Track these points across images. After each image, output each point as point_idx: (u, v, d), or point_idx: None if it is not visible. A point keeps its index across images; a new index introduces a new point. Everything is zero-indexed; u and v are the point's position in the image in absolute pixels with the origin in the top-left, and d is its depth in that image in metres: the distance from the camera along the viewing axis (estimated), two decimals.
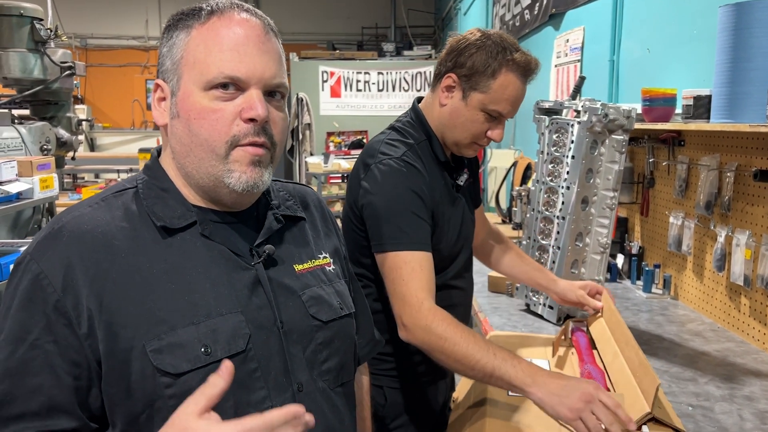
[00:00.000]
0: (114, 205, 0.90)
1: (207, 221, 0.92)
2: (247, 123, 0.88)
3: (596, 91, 3.37)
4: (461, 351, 1.31)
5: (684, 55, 2.40)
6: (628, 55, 3.03)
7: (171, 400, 0.82)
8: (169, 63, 0.90)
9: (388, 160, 1.49)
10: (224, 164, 0.88)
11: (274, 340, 0.91)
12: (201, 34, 0.88)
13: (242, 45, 0.88)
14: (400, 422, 1.61)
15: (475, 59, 1.47)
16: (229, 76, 0.87)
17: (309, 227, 1.06)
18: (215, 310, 0.87)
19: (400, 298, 1.41)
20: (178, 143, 0.91)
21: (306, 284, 0.98)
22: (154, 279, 0.86)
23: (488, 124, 1.51)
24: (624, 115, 1.93)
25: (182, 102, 0.88)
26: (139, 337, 0.83)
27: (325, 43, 11.69)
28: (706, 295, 2.11)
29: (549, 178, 2.05)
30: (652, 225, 2.51)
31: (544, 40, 4.57)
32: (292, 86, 8.70)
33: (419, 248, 1.44)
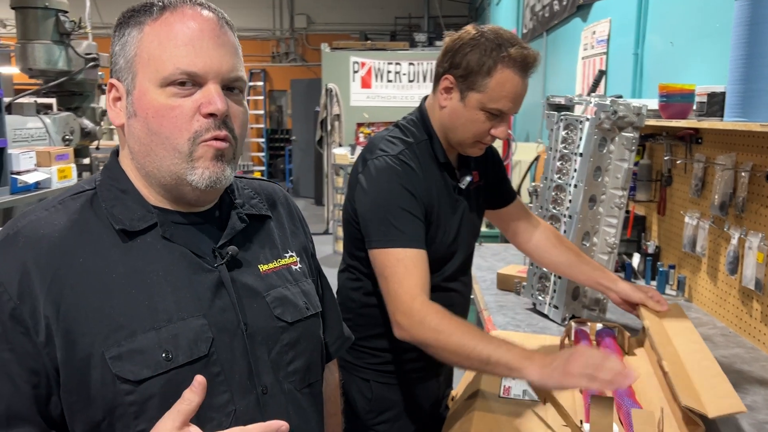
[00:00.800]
0: (71, 207, 0.88)
1: (168, 223, 0.90)
2: (207, 118, 0.86)
3: (620, 85, 3.29)
4: (455, 342, 1.30)
5: (706, 50, 2.32)
6: (651, 49, 2.95)
7: (132, 407, 0.82)
8: (122, 62, 0.88)
9: (384, 157, 1.48)
10: (187, 162, 0.87)
11: (238, 342, 0.90)
12: (154, 30, 0.86)
13: (197, 39, 0.86)
14: (386, 417, 1.62)
15: (469, 58, 1.44)
16: (186, 72, 0.85)
17: (275, 225, 1.04)
18: (176, 315, 0.86)
19: (393, 297, 1.40)
20: (136, 143, 0.89)
21: (271, 285, 0.97)
22: (114, 284, 0.84)
23: (490, 122, 1.48)
24: (634, 112, 1.88)
25: (139, 101, 0.87)
26: (98, 343, 0.81)
27: (357, 34, 11.68)
28: (719, 298, 2.05)
29: (557, 175, 2.01)
30: (669, 224, 2.44)
31: (572, 32, 4.48)
32: (323, 76, 8.71)
33: (412, 245, 1.43)
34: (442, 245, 1.55)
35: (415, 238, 1.44)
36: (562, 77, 4.76)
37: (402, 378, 1.65)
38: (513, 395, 1.48)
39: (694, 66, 2.43)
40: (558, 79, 4.92)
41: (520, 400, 1.46)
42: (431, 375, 1.70)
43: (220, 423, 0.87)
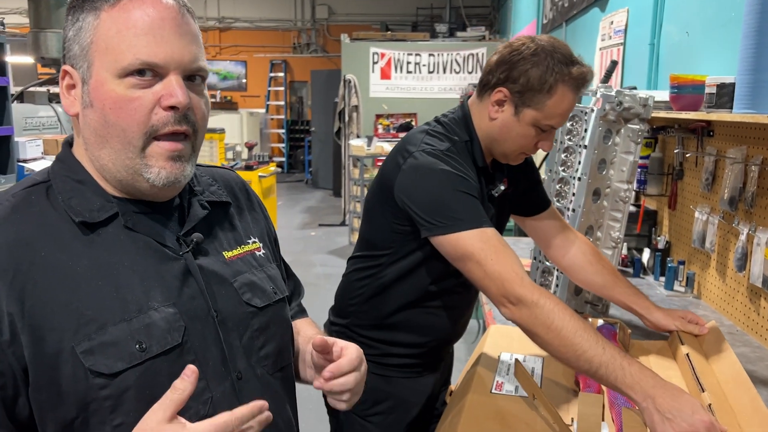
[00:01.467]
0: (26, 201, 0.85)
1: (129, 212, 0.88)
2: (167, 111, 0.83)
3: (636, 76, 3.22)
4: (567, 337, 1.24)
5: (722, 40, 2.25)
6: (667, 39, 2.87)
7: (107, 401, 0.80)
8: (77, 48, 0.84)
9: (432, 149, 1.44)
10: (140, 158, 0.84)
11: (210, 330, 0.90)
12: (111, 17, 0.82)
13: (158, 28, 0.83)
14: (380, 409, 1.60)
15: (530, 75, 1.40)
16: (146, 62, 0.82)
17: (235, 212, 1.03)
18: (146, 305, 0.84)
19: (497, 277, 1.33)
20: (92, 134, 0.86)
21: (237, 271, 0.96)
22: (79, 277, 0.82)
23: (539, 136, 1.46)
24: (641, 104, 1.83)
25: (95, 91, 0.84)
26: (67, 339, 0.79)
27: (378, 24, 11.63)
28: (727, 295, 1.99)
29: (562, 167, 1.97)
30: (680, 219, 2.38)
31: (590, 22, 4.40)
32: (343, 67, 8.69)
33: (487, 224, 1.38)
34: None
35: (484, 217, 1.39)
36: None
37: (399, 371, 1.63)
38: (505, 391, 1.45)
39: (709, 56, 2.37)
40: None
41: (512, 395, 1.43)
42: (430, 370, 1.68)
43: (197, 411, 0.86)
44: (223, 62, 13.33)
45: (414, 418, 1.66)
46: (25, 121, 2.67)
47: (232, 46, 13.21)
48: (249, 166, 5.61)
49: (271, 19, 12.98)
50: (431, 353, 1.64)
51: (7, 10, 11.69)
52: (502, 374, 1.52)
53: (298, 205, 9.86)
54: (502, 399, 1.41)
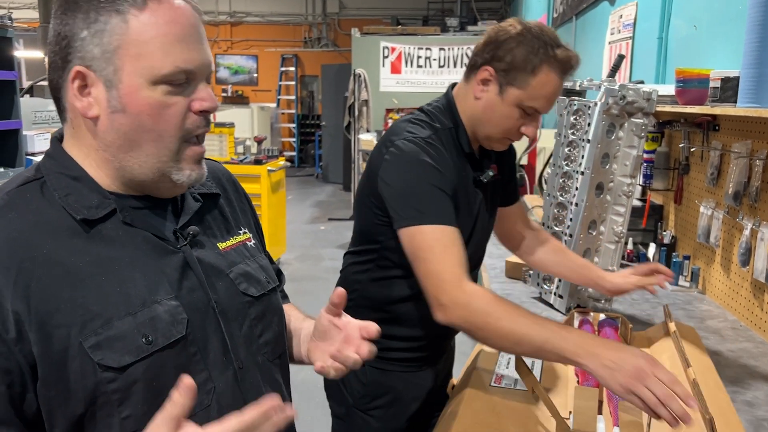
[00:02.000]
0: (22, 198, 0.85)
1: (127, 208, 0.88)
2: (198, 115, 0.86)
3: (644, 71, 3.20)
4: (506, 326, 1.24)
5: (730, 34, 2.24)
6: (675, 33, 2.85)
7: (115, 394, 0.81)
8: (96, 50, 0.82)
9: (413, 138, 1.44)
10: (175, 161, 0.87)
11: (211, 321, 0.91)
12: (142, 22, 0.82)
13: (189, 35, 0.85)
14: (381, 403, 1.60)
15: (515, 54, 1.40)
16: (185, 70, 0.84)
17: (225, 203, 1.04)
18: (149, 299, 0.85)
19: (435, 276, 1.34)
20: (119, 138, 0.85)
21: (232, 262, 0.98)
22: (82, 273, 0.82)
23: (522, 120, 1.46)
24: (644, 98, 1.82)
25: (129, 97, 0.83)
26: (74, 334, 0.80)
27: (389, 18, 11.60)
28: (731, 290, 1.98)
29: (565, 162, 1.97)
30: (685, 214, 2.37)
31: (600, 16, 4.38)
32: (353, 62, 8.69)
33: (446, 222, 1.38)
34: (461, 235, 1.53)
35: (448, 215, 1.39)
36: (590, 62, 4.66)
37: (399, 365, 1.64)
38: (504, 384, 1.46)
39: (717, 51, 2.35)
40: (585, 63, 4.81)
41: (512, 389, 1.44)
42: (430, 363, 1.68)
43: (201, 401, 0.87)
44: (234, 57, 13.37)
45: (415, 411, 1.67)
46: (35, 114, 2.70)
47: (243, 41, 13.24)
48: (258, 160, 5.62)
49: (282, 13, 12.99)
50: (430, 346, 1.65)
51: (21, 5, 11.79)
52: (502, 368, 1.52)
53: (308, 199, 9.88)
54: (501, 392, 1.42)
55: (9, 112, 2.55)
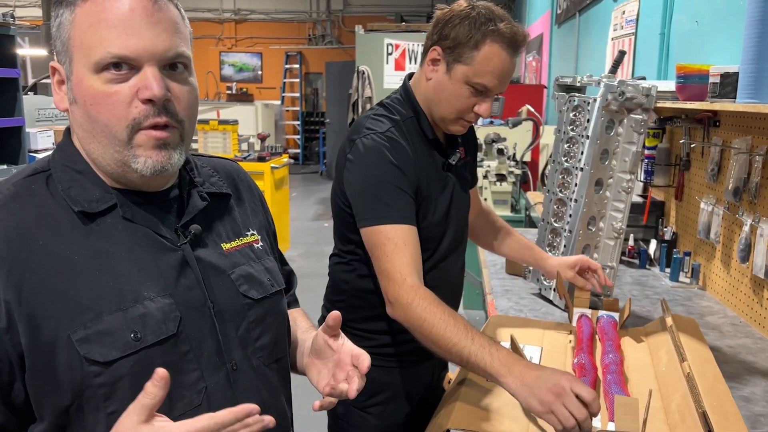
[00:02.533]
0: (26, 189, 0.86)
1: (128, 203, 0.89)
2: (145, 104, 0.83)
3: (647, 66, 3.20)
4: (438, 333, 1.30)
5: (732, 29, 2.23)
6: (677, 29, 2.84)
7: (101, 389, 0.81)
8: (59, 44, 0.85)
9: (372, 134, 1.46)
10: (128, 149, 0.84)
11: (206, 320, 0.91)
12: (84, 11, 0.82)
13: (128, 20, 0.82)
14: (379, 400, 1.61)
15: (458, 30, 1.42)
16: (118, 56, 0.81)
17: (235, 204, 1.04)
18: (143, 295, 0.85)
19: (384, 274, 1.40)
20: (80, 129, 0.87)
21: (235, 263, 0.97)
22: (77, 266, 0.83)
23: (474, 98, 1.46)
24: (643, 93, 1.82)
25: (77, 87, 0.84)
26: (63, 327, 0.80)
27: (393, 15, 11.60)
28: (731, 287, 1.98)
29: (564, 158, 1.97)
30: (686, 210, 2.37)
31: (603, 12, 4.37)
32: (357, 59, 8.68)
33: (403, 222, 1.41)
34: (434, 223, 1.54)
35: (405, 215, 1.42)
36: (593, 58, 4.65)
37: (395, 361, 1.64)
38: None
39: (718, 46, 2.34)
40: (588, 60, 4.81)
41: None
42: (425, 358, 1.69)
43: (191, 400, 0.88)
44: (238, 54, 13.39)
45: (413, 407, 1.67)
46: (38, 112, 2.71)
47: (247, 38, 13.26)
48: (261, 158, 5.63)
49: (286, 10, 13.00)
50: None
51: (27, 2, 11.83)
52: None
53: (312, 196, 9.89)
54: (497, 386, 1.42)
55: (12, 109, 2.56)
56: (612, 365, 1.43)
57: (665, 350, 1.48)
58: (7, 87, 2.70)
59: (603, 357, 1.49)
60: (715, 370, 1.40)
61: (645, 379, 1.43)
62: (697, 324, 1.67)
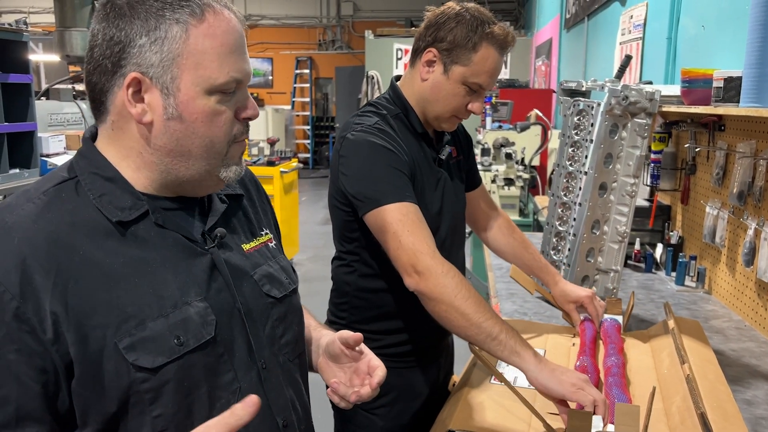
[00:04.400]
0: (58, 198, 0.86)
1: (159, 209, 0.89)
2: (243, 121, 0.90)
3: (654, 71, 3.20)
4: (470, 307, 1.31)
5: (737, 34, 2.23)
6: (684, 33, 2.85)
7: (147, 394, 0.82)
8: (156, 58, 0.84)
9: (361, 128, 1.50)
10: (223, 161, 0.90)
11: (236, 322, 0.93)
12: (201, 33, 0.85)
13: (240, 46, 0.88)
14: (384, 401, 1.62)
15: (455, 33, 1.47)
16: (236, 80, 0.87)
17: (248, 204, 1.06)
18: (181, 300, 0.87)
19: (410, 248, 1.36)
20: (171, 143, 0.87)
21: (256, 263, 0.99)
22: (117, 274, 0.84)
23: (468, 97, 1.51)
24: (647, 98, 1.83)
25: (186, 105, 0.85)
26: (109, 335, 0.81)
27: (403, 20, 11.63)
28: (736, 290, 1.98)
29: (569, 162, 1.98)
30: (692, 214, 2.37)
31: (611, 16, 4.37)
32: (367, 64, 8.72)
33: (409, 199, 1.42)
34: (426, 217, 1.55)
35: (408, 192, 1.43)
36: (601, 62, 4.66)
37: (401, 362, 1.65)
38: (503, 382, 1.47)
39: (724, 50, 2.35)
40: (597, 64, 4.82)
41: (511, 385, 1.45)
42: (431, 359, 1.70)
43: (228, 401, 0.89)
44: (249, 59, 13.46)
45: (419, 408, 1.68)
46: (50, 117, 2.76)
47: (258, 44, 13.34)
48: (271, 162, 5.67)
49: (296, 16, 13.07)
50: (429, 337, 1.65)
51: (41, 9, 11.97)
52: (502, 365, 1.54)
53: (321, 200, 9.92)
54: (501, 389, 1.43)
55: (24, 114, 2.61)
56: (614, 368, 1.44)
57: (667, 353, 1.49)
58: (20, 92, 2.75)
59: (605, 360, 1.50)
60: (716, 372, 1.40)
61: (647, 382, 1.43)
62: (700, 326, 1.68)
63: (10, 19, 6.15)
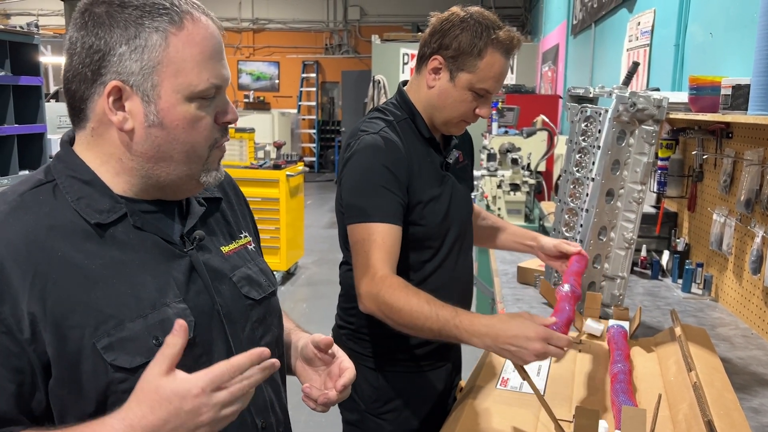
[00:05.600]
0: (36, 200, 0.86)
1: (137, 212, 0.90)
2: (222, 126, 0.92)
3: (661, 78, 3.20)
4: (406, 316, 1.35)
5: (746, 41, 2.23)
6: (692, 40, 2.85)
7: (125, 394, 0.82)
8: (136, 66, 0.84)
9: (366, 135, 1.51)
10: (203, 165, 0.92)
11: (215, 323, 0.94)
12: (180, 40, 0.85)
13: (219, 53, 0.90)
14: (393, 406, 1.62)
15: (461, 40, 1.47)
16: (215, 86, 0.89)
17: (227, 207, 1.07)
18: (159, 301, 0.88)
19: (357, 270, 1.44)
20: (152, 149, 0.88)
21: (234, 265, 1.00)
22: (95, 276, 0.84)
23: (476, 102, 1.52)
24: (654, 105, 1.83)
25: (167, 111, 0.86)
26: (87, 336, 0.82)
27: (409, 25, 11.65)
28: (743, 298, 1.98)
29: (576, 168, 1.98)
30: (699, 221, 2.37)
31: (618, 23, 4.37)
32: (373, 68, 8.73)
33: (385, 221, 1.45)
34: (435, 221, 1.56)
35: (390, 213, 1.46)
36: (608, 69, 4.65)
37: (409, 367, 1.66)
38: (510, 387, 1.48)
39: (732, 58, 2.34)
40: (604, 70, 4.81)
41: (516, 392, 1.45)
42: (439, 363, 1.70)
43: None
44: (256, 63, 13.51)
45: (427, 413, 1.69)
46: (60, 119, 2.77)
47: (265, 47, 13.39)
48: (277, 165, 5.68)
49: (303, 20, 13.11)
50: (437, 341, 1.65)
51: (50, 12, 12.04)
52: (508, 371, 1.54)
53: (327, 204, 9.94)
54: (507, 395, 1.43)
55: (35, 116, 2.63)
56: (620, 374, 1.44)
57: (674, 360, 1.49)
58: (30, 94, 2.76)
59: (612, 366, 1.50)
60: (723, 379, 1.40)
61: (653, 389, 1.43)
62: (707, 334, 1.67)
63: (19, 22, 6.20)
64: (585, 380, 1.52)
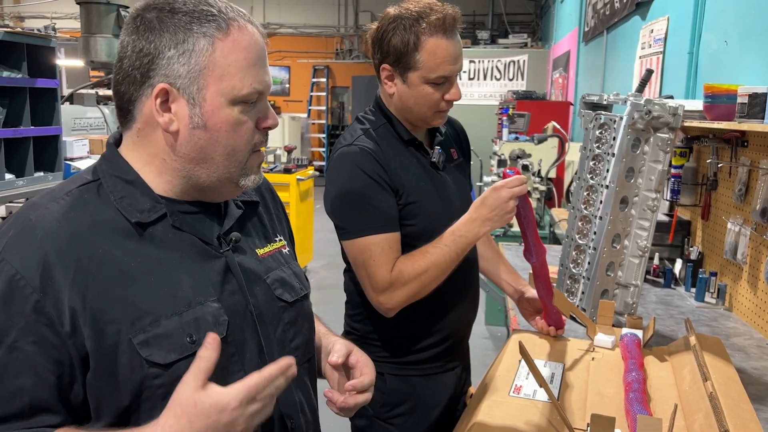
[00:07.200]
0: (81, 199, 0.90)
1: (176, 212, 0.93)
2: (263, 131, 0.94)
3: (675, 86, 3.19)
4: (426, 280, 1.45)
5: (760, 49, 2.23)
6: (706, 48, 2.84)
7: (160, 389, 0.86)
8: (183, 70, 0.88)
9: (343, 147, 1.53)
10: (242, 169, 0.94)
11: (248, 324, 0.96)
12: (227, 46, 0.89)
13: (262, 59, 0.93)
14: (401, 411, 1.62)
15: (394, 42, 1.47)
16: (259, 91, 0.91)
17: (263, 211, 1.09)
18: (195, 300, 0.90)
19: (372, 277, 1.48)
20: (194, 150, 0.91)
21: (269, 268, 1.02)
22: (134, 273, 0.87)
23: (440, 91, 1.50)
24: (670, 113, 1.82)
25: (211, 114, 0.89)
26: (124, 331, 0.85)
27: None
28: (758, 308, 1.96)
29: (590, 175, 1.97)
30: (713, 230, 2.35)
31: (631, 30, 4.36)
32: None
33: (381, 230, 1.47)
34: (427, 220, 1.56)
35: (383, 221, 1.47)
36: (620, 76, 4.64)
37: (417, 370, 1.65)
38: (523, 395, 1.47)
39: (747, 66, 2.34)
40: (616, 78, 4.80)
41: (530, 399, 1.45)
42: (447, 367, 1.70)
43: None
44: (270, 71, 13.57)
45: (436, 418, 1.68)
46: (74, 121, 2.80)
47: (276, 52, 13.44)
48: (288, 170, 5.70)
49: (314, 25, 13.15)
50: (447, 341, 1.65)
51: (64, 15, 12.14)
52: (522, 378, 1.53)
53: None
54: (519, 402, 1.43)
55: (50, 118, 2.66)
56: (634, 383, 1.43)
57: (689, 369, 1.48)
58: (46, 96, 2.80)
59: (626, 375, 1.49)
60: (739, 390, 1.39)
61: (668, 398, 1.42)
62: (722, 343, 1.66)
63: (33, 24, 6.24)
64: (598, 389, 1.51)
